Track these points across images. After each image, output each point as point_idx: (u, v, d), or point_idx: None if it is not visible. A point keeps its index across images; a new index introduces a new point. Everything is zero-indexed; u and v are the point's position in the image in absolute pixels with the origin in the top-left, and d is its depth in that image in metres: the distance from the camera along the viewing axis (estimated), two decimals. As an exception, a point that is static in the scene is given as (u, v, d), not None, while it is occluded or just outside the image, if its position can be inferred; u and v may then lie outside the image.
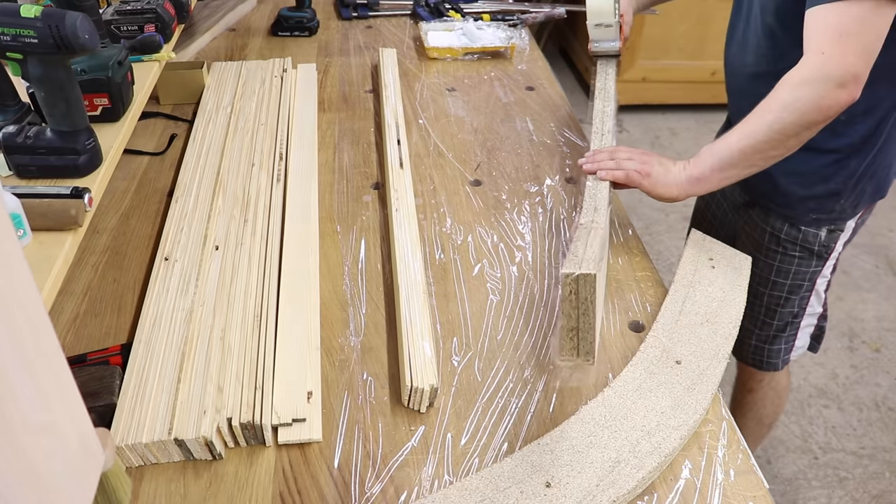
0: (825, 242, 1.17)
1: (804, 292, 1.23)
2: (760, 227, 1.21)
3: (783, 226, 1.17)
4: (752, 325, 1.29)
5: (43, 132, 0.84)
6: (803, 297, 1.24)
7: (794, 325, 1.28)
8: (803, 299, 1.24)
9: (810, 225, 1.15)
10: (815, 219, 1.14)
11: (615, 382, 0.83)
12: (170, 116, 1.41)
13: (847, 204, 1.12)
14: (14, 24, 0.76)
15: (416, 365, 0.83)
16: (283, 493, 0.73)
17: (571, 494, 0.70)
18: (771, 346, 1.31)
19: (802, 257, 1.18)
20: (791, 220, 1.16)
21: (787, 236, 1.18)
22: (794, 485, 1.73)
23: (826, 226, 1.15)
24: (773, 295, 1.23)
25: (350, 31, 1.84)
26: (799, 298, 1.23)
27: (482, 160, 1.29)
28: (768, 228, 1.20)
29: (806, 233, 1.16)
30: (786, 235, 1.18)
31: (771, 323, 1.27)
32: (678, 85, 3.12)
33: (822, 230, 1.15)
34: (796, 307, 1.25)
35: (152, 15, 1.21)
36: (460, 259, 1.05)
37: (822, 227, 1.15)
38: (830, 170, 1.09)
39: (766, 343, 1.30)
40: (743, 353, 1.35)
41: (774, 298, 1.24)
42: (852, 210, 1.14)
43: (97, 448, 0.46)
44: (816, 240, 1.16)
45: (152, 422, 0.75)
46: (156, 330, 0.87)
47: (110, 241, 1.08)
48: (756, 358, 1.33)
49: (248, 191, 1.12)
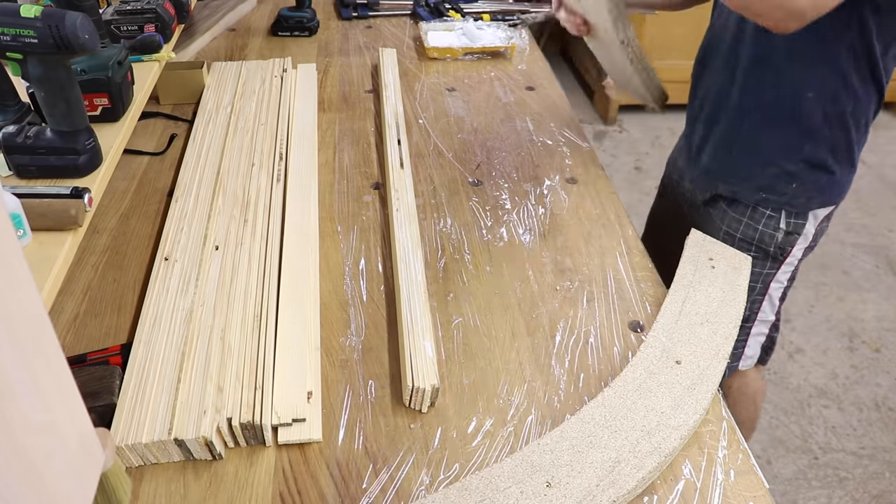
0: (781, 244, 1.17)
1: (756, 295, 1.23)
2: (717, 225, 1.22)
3: (739, 225, 1.18)
4: None
5: (43, 132, 0.84)
6: (755, 300, 1.23)
7: (745, 330, 1.27)
8: (755, 303, 1.24)
9: (759, 209, 1.15)
10: (765, 198, 1.14)
11: (615, 382, 0.83)
12: (170, 116, 1.41)
13: (798, 190, 1.12)
14: (14, 24, 0.76)
15: (418, 365, 0.83)
16: (283, 493, 0.73)
17: (571, 494, 0.70)
18: None
19: (757, 258, 1.18)
20: (745, 211, 1.16)
21: (742, 236, 1.19)
22: (794, 485, 1.73)
23: (777, 213, 1.14)
24: None
25: (350, 31, 1.84)
26: (751, 301, 1.23)
27: (482, 160, 1.29)
28: (724, 227, 1.20)
29: (763, 233, 1.16)
30: (741, 235, 1.19)
31: None
32: (678, 85, 3.09)
33: (780, 231, 1.15)
34: (747, 310, 1.22)
35: (152, 15, 1.21)
36: (460, 259, 1.05)
37: (777, 222, 1.15)
38: (790, 149, 1.10)
39: None
40: None
41: None
42: (804, 201, 1.13)
43: (97, 448, 0.46)
44: (773, 241, 1.16)
45: (152, 422, 0.75)
46: (156, 330, 0.87)
47: (110, 241, 1.08)
48: None
49: (248, 191, 1.12)
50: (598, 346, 0.92)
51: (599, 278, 1.03)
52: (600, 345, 0.92)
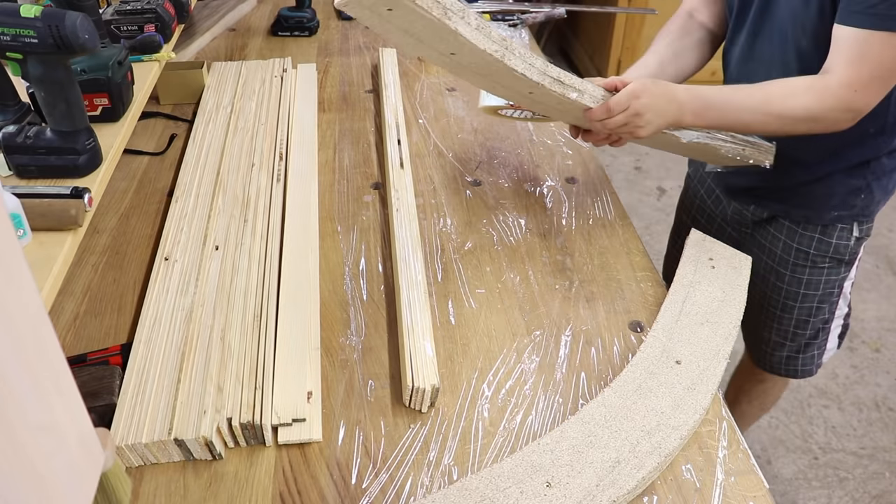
0: (854, 249, 1.16)
1: (834, 298, 1.22)
2: (785, 243, 1.18)
3: (812, 241, 1.15)
4: (781, 339, 1.27)
5: (43, 132, 0.84)
6: (833, 302, 1.22)
7: (825, 331, 1.26)
8: (833, 304, 1.23)
9: (832, 225, 1.13)
10: (838, 216, 1.12)
11: (615, 382, 0.83)
12: (170, 116, 1.41)
13: (867, 200, 1.11)
14: (14, 24, 0.76)
15: (418, 365, 0.83)
16: (283, 493, 0.73)
17: (571, 494, 0.70)
18: (804, 355, 1.29)
19: (832, 267, 1.17)
20: (816, 228, 1.14)
21: (816, 251, 1.15)
22: (794, 485, 1.73)
23: (848, 224, 1.13)
24: (803, 307, 1.22)
25: (350, 31, 1.84)
26: (829, 305, 1.22)
27: (482, 160, 1.29)
28: (794, 245, 1.17)
29: (837, 246, 1.14)
30: (815, 250, 1.15)
31: (803, 333, 1.25)
32: (678, 85, 3.11)
33: (852, 239, 1.14)
34: (826, 314, 1.24)
35: (152, 15, 1.21)
36: (460, 259, 1.05)
37: (849, 232, 1.13)
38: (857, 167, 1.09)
39: (798, 353, 1.28)
40: (774, 366, 1.32)
41: (805, 310, 1.22)
42: (873, 208, 1.13)
43: (97, 448, 0.46)
44: (847, 250, 1.15)
45: (152, 422, 0.75)
46: (156, 330, 0.87)
47: (110, 241, 1.08)
48: (789, 368, 1.31)
49: (248, 191, 1.12)
50: (598, 346, 0.92)
51: (599, 278, 1.03)
52: (600, 345, 0.92)
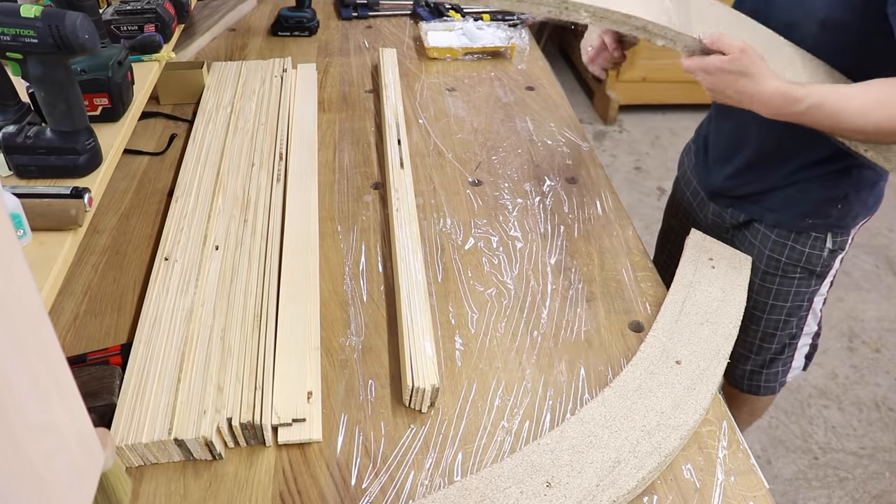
0: (826, 262, 1.13)
1: (802, 312, 1.20)
2: (759, 249, 1.16)
3: (784, 249, 1.13)
4: (746, 351, 1.25)
5: (43, 132, 0.84)
6: (801, 317, 1.20)
7: (792, 347, 1.24)
8: (801, 319, 1.21)
9: (806, 233, 1.11)
10: (812, 223, 1.10)
11: (615, 382, 0.83)
12: (170, 116, 1.41)
13: (844, 211, 1.08)
14: (14, 24, 0.76)
15: (418, 365, 0.83)
16: (283, 493, 0.73)
17: (571, 494, 0.70)
18: (768, 371, 1.27)
19: (802, 278, 1.15)
20: (789, 235, 1.12)
21: (788, 259, 1.13)
22: (794, 485, 1.73)
23: (823, 233, 1.10)
24: (770, 319, 1.20)
25: (350, 31, 1.84)
26: (797, 319, 1.20)
27: (482, 160, 1.29)
28: (766, 251, 1.15)
29: (809, 255, 1.12)
30: (787, 258, 1.13)
31: (769, 347, 1.23)
32: (678, 85, 3.12)
33: (825, 251, 1.12)
34: (794, 328, 1.21)
35: (152, 15, 1.21)
36: (460, 259, 1.05)
37: (823, 243, 1.11)
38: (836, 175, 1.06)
39: (762, 368, 1.26)
40: (737, 380, 1.30)
41: (772, 322, 1.20)
42: (850, 220, 1.10)
43: (97, 448, 0.46)
44: (819, 261, 1.13)
45: (152, 422, 0.75)
46: (156, 330, 0.87)
47: (110, 241, 1.08)
48: (752, 384, 1.29)
49: (248, 191, 1.11)
50: (598, 347, 0.92)
51: (599, 278, 1.03)
52: (600, 345, 0.92)
